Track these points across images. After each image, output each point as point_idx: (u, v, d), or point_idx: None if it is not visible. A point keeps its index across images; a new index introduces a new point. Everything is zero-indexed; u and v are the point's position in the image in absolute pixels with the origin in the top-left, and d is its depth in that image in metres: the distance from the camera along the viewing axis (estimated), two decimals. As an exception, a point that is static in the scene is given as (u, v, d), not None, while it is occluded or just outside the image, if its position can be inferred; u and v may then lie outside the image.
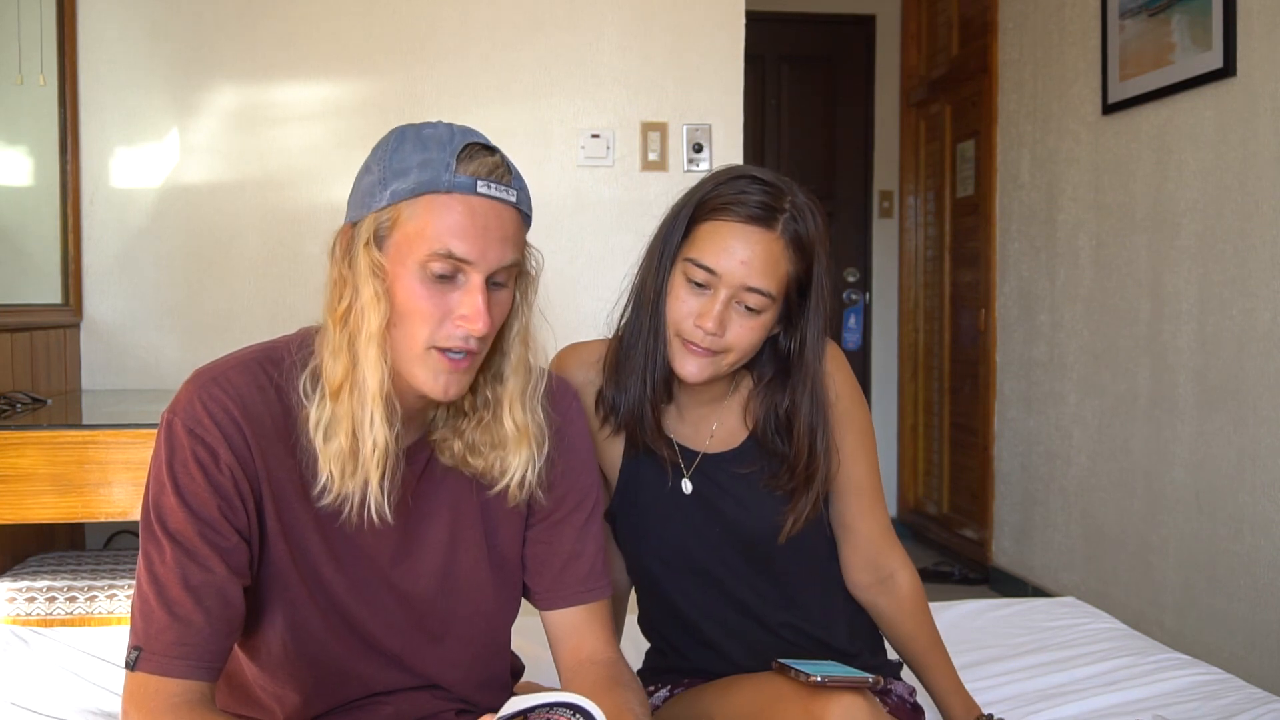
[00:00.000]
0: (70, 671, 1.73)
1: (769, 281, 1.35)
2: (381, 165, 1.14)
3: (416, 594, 1.25)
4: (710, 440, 1.48)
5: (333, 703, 1.27)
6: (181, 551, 1.11)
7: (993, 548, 4.27)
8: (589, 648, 1.30)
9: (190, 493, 1.12)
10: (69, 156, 2.92)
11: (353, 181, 1.18)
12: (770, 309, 1.37)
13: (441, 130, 1.15)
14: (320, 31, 3.04)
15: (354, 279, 1.12)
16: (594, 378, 1.48)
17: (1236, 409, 2.83)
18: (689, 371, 1.37)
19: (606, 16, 3.14)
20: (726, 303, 1.35)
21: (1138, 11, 3.24)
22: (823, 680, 1.21)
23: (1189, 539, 3.03)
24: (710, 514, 1.46)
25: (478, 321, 1.12)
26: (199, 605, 1.10)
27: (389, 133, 1.18)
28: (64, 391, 2.85)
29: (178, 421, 1.13)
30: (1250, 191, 2.77)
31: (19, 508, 2.08)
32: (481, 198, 1.12)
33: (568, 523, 1.30)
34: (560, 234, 3.16)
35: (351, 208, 1.16)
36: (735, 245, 1.35)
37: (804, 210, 1.38)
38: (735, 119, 3.17)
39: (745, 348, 1.38)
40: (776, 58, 5.06)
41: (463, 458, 1.23)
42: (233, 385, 1.15)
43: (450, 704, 1.32)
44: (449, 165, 1.11)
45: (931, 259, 4.94)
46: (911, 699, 1.54)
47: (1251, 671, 2.69)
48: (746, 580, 1.48)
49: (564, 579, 1.30)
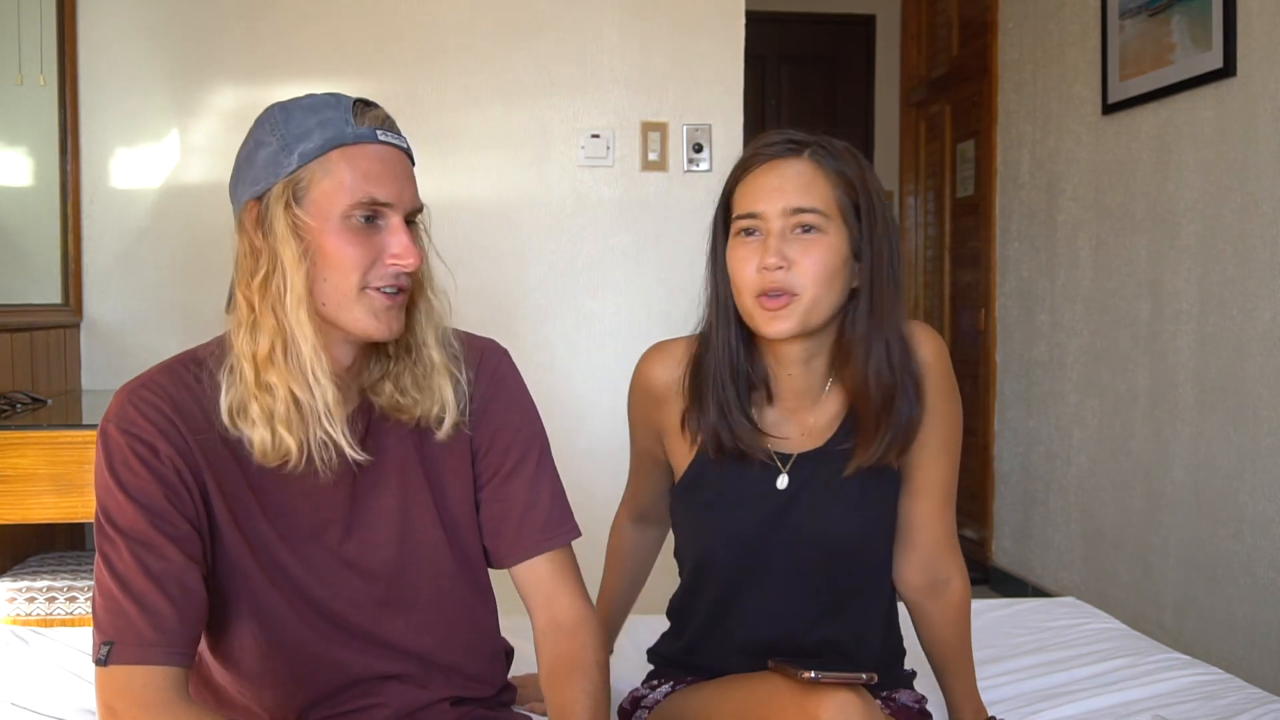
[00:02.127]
0: (70, 671, 1.73)
1: (810, 198, 1.33)
2: (277, 135, 1.16)
3: (375, 566, 1.26)
4: (804, 435, 1.43)
5: (314, 694, 1.26)
6: (137, 544, 1.12)
7: (993, 548, 4.28)
8: (559, 606, 1.31)
9: (135, 488, 1.14)
10: (69, 156, 2.92)
11: (234, 166, 1.20)
12: (829, 229, 1.33)
13: (321, 96, 1.19)
14: (320, 31, 3.04)
15: (271, 245, 1.15)
16: (682, 375, 1.45)
17: (1236, 409, 2.83)
18: (775, 329, 1.33)
19: (606, 16, 3.14)
20: (781, 235, 1.33)
21: (1138, 11, 3.24)
22: (817, 677, 1.22)
23: (1189, 539, 3.03)
24: (793, 512, 1.42)
25: (409, 257, 1.17)
26: (163, 593, 1.11)
27: (265, 111, 1.20)
28: (64, 391, 2.85)
29: (111, 427, 1.16)
30: (1250, 191, 2.77)
31: (19, 508, 2.09)
32: (383, 145, 1.18)
33: (517, 475, 1.32)
34: (560, 234, 3.16)
35: (248, 184, 1.17)
36: (768, 179, 1.35)
37: (835, 146, 1.37)
38: (735, 119, 3.17)
39: (815, 276, 1.32)
40: (776, 58, 5.06)
41: (395, 401, 1.25)
42: (160, 387, 1.18)
43: (442, 693, 1.32)
44: (348, 120, 1.17)
45: (931, 259, 4.94)
46: (918, 705, 1.51)
47: (1251, 671, 2.69)
48: (801, 585, 1.44)
49: (523, 530, 1.31)
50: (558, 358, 3.14)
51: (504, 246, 3.14)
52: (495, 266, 3.14)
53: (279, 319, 1.15)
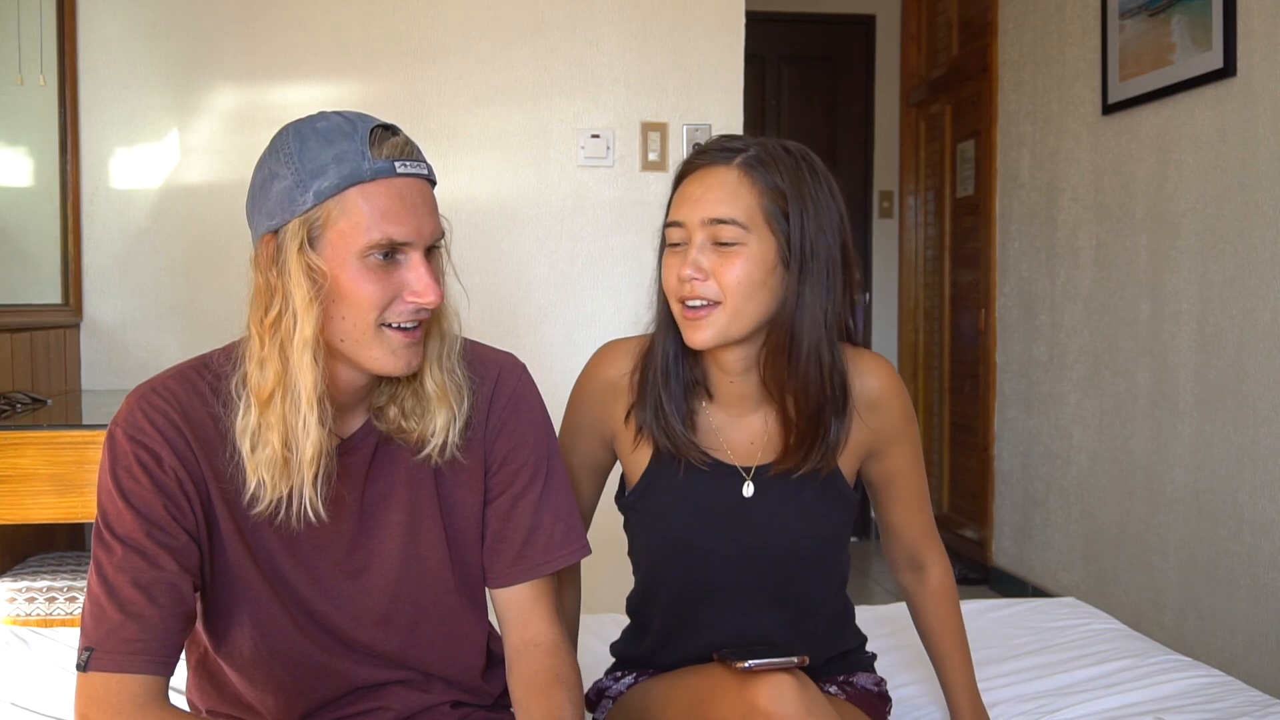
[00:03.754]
0: (70, 672, 1.73)
1: (730, 209, 1.31)
2: (292, 168, 1.12)
3: (379, 581, 1.26)
4: (752, 444, 1.45)
5: (316, 701, 1.26)
6: (131, 552, 1.12)
7: (993, 548, 4.28)
8: (534, 627, 1.30)
9: (135, 495, 1.13)
10: (69, 156, 2.92)
11: (250, 193, 1.17)
12: (749, 243, 1.31)
13: (337, 121, 1.15)
14: (320, 31, 3.04)
15: (284, 285, 1.13)
16: (633, 370, 1.46)
17: (1236, 409, 2.83)
18: (696, 338, 1.33)
19: (606, 16, 3.14)
20: (700, 246, 1.32)
21: (1138, 11, 3.24)
22: (751, 666, 1.29)
23: (1189, 539, 3.03)
24: (750, 523, 1.44)
25: (429, 295, 1.15)
26: (151, 601, 1.11)
27: (280, 134, 1.16)
28: (64, 391, 2.85)
29: (119, 431, 1.15)
30: (1250, 191, 2.77)
31: (19, 508, 2.09)
32: (401, 177, 1.14)
33: (524, 498, 1.31)
34: (560, 234, 3.16)
35: (264, 216, 1.14)
36: (692, 188, 1.34)
37: (776, 151, 1.34)
38: (735, 119, 3.17)
39: (734, 288, 1.31)
40: (776, 58, 5.06)
41: (397, 425, 1.24)
42: (171, 393, 1.17)
43: (443, 697, 1.32)
44: (364, 154, 1.12)
45: (931, 259, 4.94)
46: (877, 688, 1.57)
47: (1252, 671, 2.69)
48: (755, 597, 1.46)
49: (522, 555, 1.30)
50: (558, 358, 3.14)
51: (504, 246, 3.14)
52: (495, 266, 3.14)
53: (284, 359, 1.13)
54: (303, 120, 1.16)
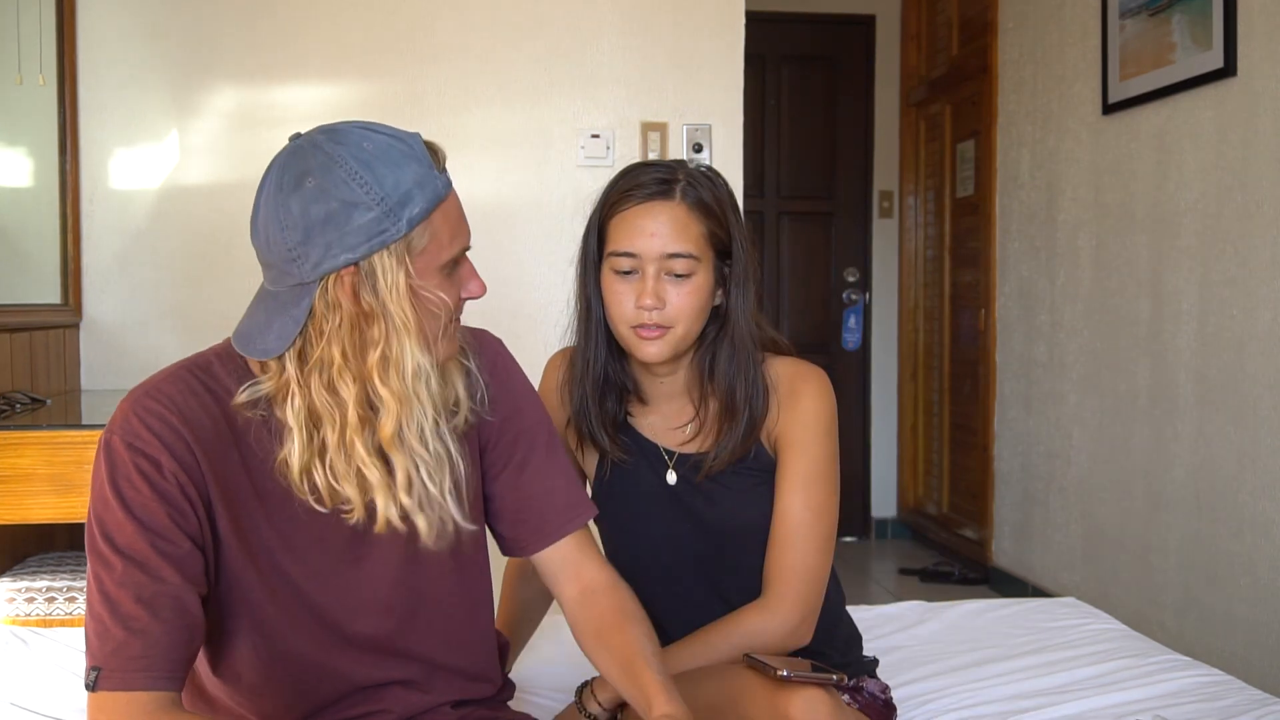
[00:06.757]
0: (70, 671, 1.73)
1: (684, 243, 1.43)
2: (373, 196, 1.10)
3: (380, 568, 1.25)
4: (686, 437, 1.53)
5: (316, 703, 1.26)
6: (133, 566, 1.10)
7: (993, 548, 4.28)
8: (588, 575, 1.34)
9: (137, 505, 1.11)
10: (69, 156, 2.92)
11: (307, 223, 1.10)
12: (699, 271, 1.45)
13: (385, 142, 1.13)
14: (320, 31, 3.04)
15: (384, 311, 1.13)
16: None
17: (1236, 409, 2.83)
18: (649, 353, 1.45)
19: (606, 16, 3.14)
20: (656, 276, 1.44)
21: (1138, 11, 3.24)
22: (789, 675, 1.27)
23: (1189, 539, 3.03)
24: (684, 509, 1.52)
25: (482, 291, 1.24)
26: (155, 616, 1.09)
27: (325, 156, 1.11)
28: (64, 391, 2.85)
29: (115, 439, 1.14)
30: (1250, 191, 2.77)
31: (19, 508, 2.08)
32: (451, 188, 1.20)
33: (529, 463, 1.34)
34: (560, 234, 3.16)
35: (342, 249, 1.11)
36: (644, 223, 1.44)
37: (699, 178, 1.47)
38: (735, 119, 3.17)
39: (688, 313, 1.45)
40: (776, 58, 5.06)
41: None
42: (167, 395, 1.16)
43: (444, 696, 1.32)
44: (433, 173, 1.16)
45: (931, 259, 4.94)
46: (884, 696, 1.58)
47: (1252, 671, 2.69)
48: (715, 580, 1.53)
49: (546, 517, 1.34)
50: (558, 358, 3.14)
51: (504, 246, 3.14)
52: (495, 266, 3.14)
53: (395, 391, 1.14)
54: (339, 143, 1.12)
